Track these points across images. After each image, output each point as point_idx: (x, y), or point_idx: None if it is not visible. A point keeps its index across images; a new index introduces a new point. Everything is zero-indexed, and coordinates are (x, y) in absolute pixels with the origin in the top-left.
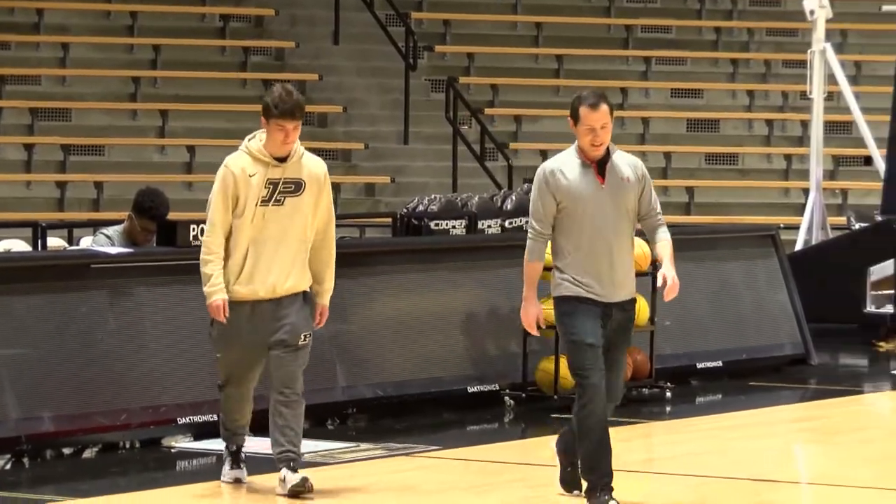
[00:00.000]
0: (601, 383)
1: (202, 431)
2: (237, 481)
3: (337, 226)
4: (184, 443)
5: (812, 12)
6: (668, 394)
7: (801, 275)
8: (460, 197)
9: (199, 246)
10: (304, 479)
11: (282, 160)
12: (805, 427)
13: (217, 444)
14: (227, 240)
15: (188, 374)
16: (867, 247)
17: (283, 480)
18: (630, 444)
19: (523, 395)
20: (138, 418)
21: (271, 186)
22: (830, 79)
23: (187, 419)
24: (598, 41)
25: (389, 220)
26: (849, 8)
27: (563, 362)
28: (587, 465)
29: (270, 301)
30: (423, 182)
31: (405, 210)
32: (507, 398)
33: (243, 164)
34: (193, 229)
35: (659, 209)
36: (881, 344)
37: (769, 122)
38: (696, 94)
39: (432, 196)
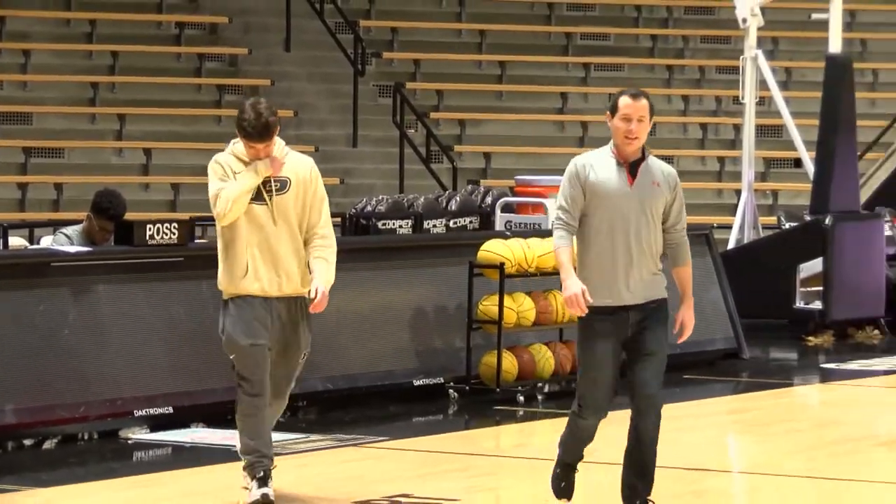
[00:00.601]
0: (594, 424)
1: (157, 423)
2: (265, 497)
3: None
4: (140, 434)
5: (744, 20)
6: None
7: (733, 272)
8: (407, 198)
9: (155, 245)
10: (265, 496)
11: None
12: (737, 418)
13: (171, 436)
14: (226, 242)
15: (145, 369)
16: (797, 246)
17: (247, 488)
18: None
19: (467, 388)
20: (97, 411)
21: (259, 186)
22: (762, 84)
23: (143, 412)
24: (539, 48)
25: (339, 219)
26: (779, 16)
27: (506, 356)
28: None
29: (280, 300)
30: (371, 183)
31: (354, 210)
32: (451, 391)
33: (230, 161)
34: (150, 229)
35: (684, 224)
36: (810, 338)
37: (703, 126)
38: None
39: (380, 197)
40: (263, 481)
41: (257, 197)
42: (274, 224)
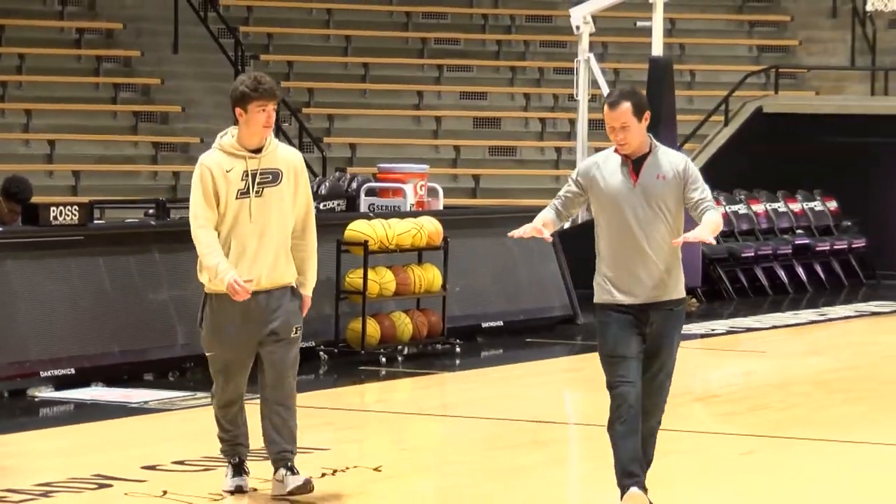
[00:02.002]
0: (629, 393)
1: (61, 383)
2: (238, 489)
3: (177, 206)
4: (45, 393)
5: (578, 27)
6: (458, 349)
7: (568, 248)
8: None
9: (58, 225)
10: (307, 482)
11: (257, 151)
12: (573, 376)
13: (73, 394)
14: None
15: (49, 335)
16: None
17: (281, 481)
18: (426, 391)
19: (335, 350)
20: (6, 372)
21: (249, 178)
22: (593, 83)
23: (49, 372)
24: (398, 51)
25: None
26: (609, 24)
27: (370, 323)
28: (620, 469)
29: (259, 293)
30: None
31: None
32: (321, 353)
33: (218, 160)
34: (53, 211)
35: (706, 198)
36: None
37: (542, 121)
38: (481, 96)
39: None
40: (238, 469)
41: (245, 191)
42: (261, 218)
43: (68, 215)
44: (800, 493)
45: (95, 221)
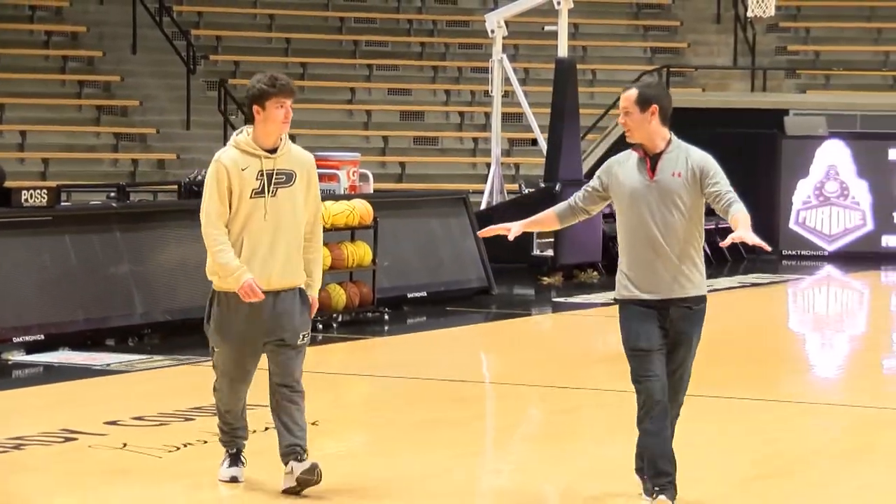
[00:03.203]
0: (654, 388)
1: (31, 347)
2: (234, 479)
3: (135, 190)
4: (17, 356)
5: (492, 31)
6: (387, 317)
7: (485, 227)
8: None
9: (29, 207)
10: (314, 466)
11: (272, 151)
12: (489, 340)
13: (42, 357)
14: None
15: (21, 305)
16: (533, 206)
17: (290, 472)
18: (357, 355)
19: None
20: None
21: (264, 178)
22: (506, 81)
23: (20, 338)
24: (333, 52)
25: (175, 186)
26: (519, 28)
27: None
28: (652, 468)
29: (268, 293)
30: (201, 158)
31: (187, 179)
32: None
33: (235, 158)
34: (24, 194)
35: (727, 190)
36: (544, 278)
37: (461, 114)
38: (406, 92)
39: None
40: (235, 459)
41: (260, 190)
42: (274, 218)
43: (38, 198)
44: (686, 441)
45: (62, 203)
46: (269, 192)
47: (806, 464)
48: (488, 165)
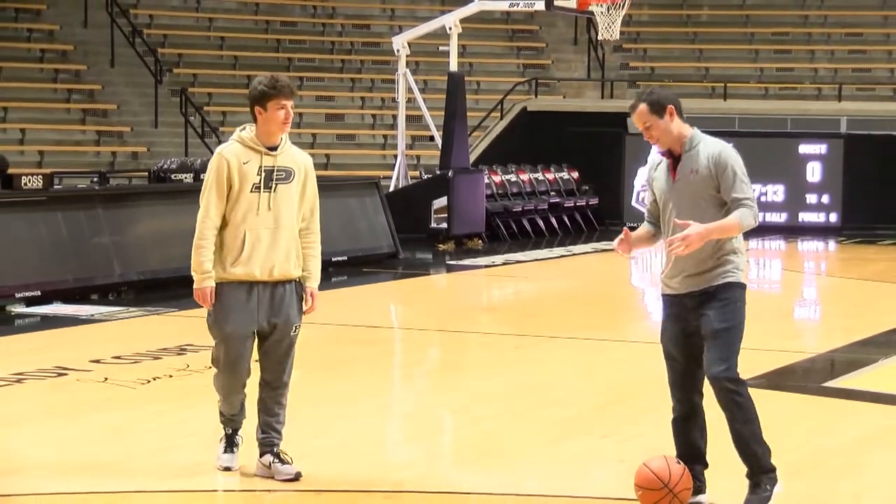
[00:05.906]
0: (675, 408)
1: (30, 301)
2: (226, 469)
3: (114, 176)
4: (19, 308)
5: (398, 50)
6: None
7: (393, 206)
8: (189, 160)
9: (27, 189)
10: (298, 475)
11: (273, 149)
12: (396, 295)
13: (40, 309)
14: (224, 225)
15: (22, 267)
16: (431, 189)
17: (268, 467)
18: None
19: None
20: None
21: (265, 174)
22: (409, 90)
23: (21, 294)
24: (272, 66)
25: (146, 173)
26: (420, 48)
27: None
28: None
29: (266, 284)
30: (167, 151)
31: (155, 168)
32: None
33: (237, 151)
34: (24, 179)
35: (739, 196)
36: (440, 246)
37: (374, 116)
38: (330, 99)
39: (172, 159)
40: (230, 442)
41: (263, 185)
42: (272, 212)
43: (35, 182)
44: (549, 372)
45: (55, 186)
46: (269, 187)
47: (644, 391)
48: (395, 156)
